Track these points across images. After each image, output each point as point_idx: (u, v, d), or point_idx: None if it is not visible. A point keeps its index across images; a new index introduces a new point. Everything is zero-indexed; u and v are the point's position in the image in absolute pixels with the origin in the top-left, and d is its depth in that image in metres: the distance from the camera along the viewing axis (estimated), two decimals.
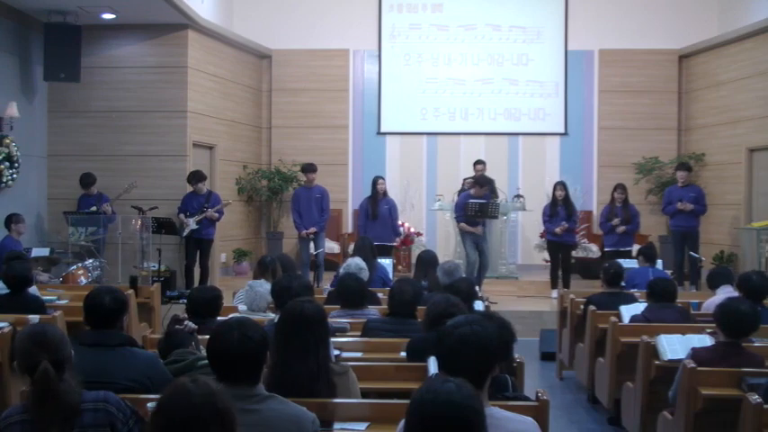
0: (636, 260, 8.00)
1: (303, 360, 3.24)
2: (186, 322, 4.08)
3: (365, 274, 6.18)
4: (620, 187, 10.21)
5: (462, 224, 9.76)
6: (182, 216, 9.84)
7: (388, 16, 12.93)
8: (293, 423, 2.72)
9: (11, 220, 8.92)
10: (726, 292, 5.79)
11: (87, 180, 10.03)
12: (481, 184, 9.76)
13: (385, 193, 10.10)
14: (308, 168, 10.21)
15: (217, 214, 9.96)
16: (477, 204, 9.57)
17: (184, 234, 9.84)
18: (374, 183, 10.10)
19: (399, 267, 10.92)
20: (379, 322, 4.85)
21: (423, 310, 4.34)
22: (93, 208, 9.85)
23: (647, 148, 12.36)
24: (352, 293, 5.27)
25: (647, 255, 7.75)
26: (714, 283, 6.21)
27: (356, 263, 6.29)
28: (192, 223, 9.78)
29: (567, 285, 9.73)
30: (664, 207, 10.59)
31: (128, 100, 10.66)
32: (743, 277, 5.54)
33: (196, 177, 9.94)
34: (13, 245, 8.63)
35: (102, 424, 2.69)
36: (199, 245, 9.98)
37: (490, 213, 9.71)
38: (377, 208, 9.91)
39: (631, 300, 6.26)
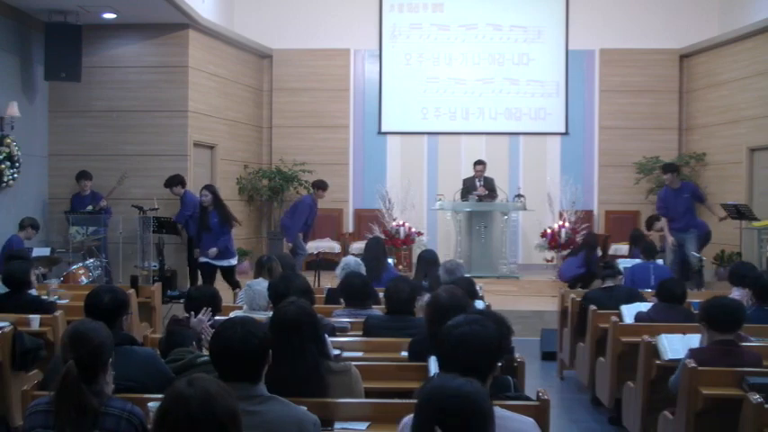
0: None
1: (289, 363, 3.23)
2: (200, 316, 4.17)
3: (363, 271, 6.21)
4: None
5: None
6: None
7: (388, 16, 12.93)
8: (295, 425, 2.71)
9: (29, 223, 8.94)
10: (738, 292, 5.76)
11: (83, 176, 10.09)
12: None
13: (215, 204, 8.75)
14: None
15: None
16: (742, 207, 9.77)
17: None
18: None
19: (400, 267, 10.92)
20: (378, 320, 4.86)
21: (423, 309, 4.33)
22: (90, 207, 9.86)
23: (647, 147, 12.34)
24: (356, 291, 5.28)
25: (646, 250, 7.90)
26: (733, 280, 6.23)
27: (355, 260, 6.30)
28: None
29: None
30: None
31: (128, 100, 10.65)
32: (753, 276, 5.57)
33: (178, 180, 9.93)
34: (19, 244, 8.67)
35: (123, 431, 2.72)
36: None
37: (749, 214, 9.83)
38: (207, 220, 8.73)
39: (628, 293, 6.31)
